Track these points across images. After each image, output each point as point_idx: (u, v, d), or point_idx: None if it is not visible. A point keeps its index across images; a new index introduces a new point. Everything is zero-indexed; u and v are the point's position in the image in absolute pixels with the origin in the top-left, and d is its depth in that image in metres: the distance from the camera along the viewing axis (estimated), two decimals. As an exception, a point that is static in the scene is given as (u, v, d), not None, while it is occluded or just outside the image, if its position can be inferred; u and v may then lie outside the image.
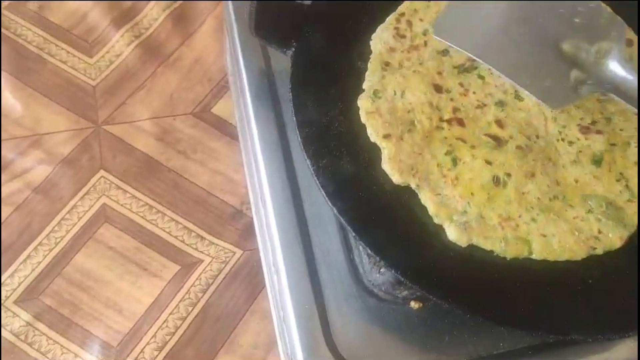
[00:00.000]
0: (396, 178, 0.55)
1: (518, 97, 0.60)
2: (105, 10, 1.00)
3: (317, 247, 0.61)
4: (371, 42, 0.61)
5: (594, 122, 0.59)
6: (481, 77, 0.60)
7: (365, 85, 0.59)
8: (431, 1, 0.63)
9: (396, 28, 0.62)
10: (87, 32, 0.99)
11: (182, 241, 0.85)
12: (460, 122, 0.58)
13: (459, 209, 0.54)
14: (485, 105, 0.59)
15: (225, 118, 0.93)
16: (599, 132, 0.58)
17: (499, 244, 0.53)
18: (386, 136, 0.56)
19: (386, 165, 0.56)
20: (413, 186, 0.55)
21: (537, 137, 0.58)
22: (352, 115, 0.59)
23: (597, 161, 0.57)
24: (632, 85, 0.51)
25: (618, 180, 0.57)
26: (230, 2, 0.73)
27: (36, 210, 0.85)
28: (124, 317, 0.80)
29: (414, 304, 0.59)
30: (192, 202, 0.87)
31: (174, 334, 0.79)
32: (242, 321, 0.80)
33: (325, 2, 0.64)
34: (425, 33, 0.62)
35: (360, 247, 0.61)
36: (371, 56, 0.61)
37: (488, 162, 0.56)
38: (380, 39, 0.61)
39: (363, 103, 0.58)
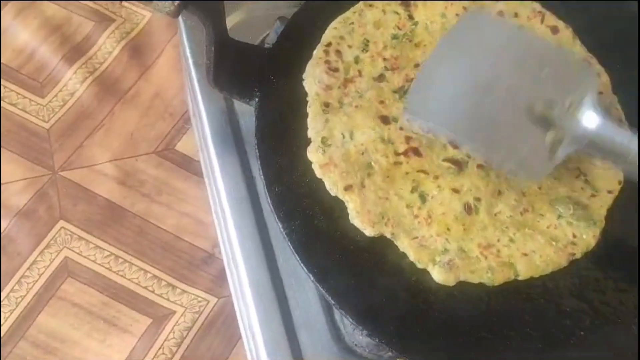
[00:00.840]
0: (369, 231, 0.52)
1: None
2: (55, 45, 0.94)
3: (294, 308, 0.58)
4: (304, 83, 0.57)
5: None
6: None
7: (310, 134, 0.55)
8: (355, 25, 0.60)
9: (327, 62, 0.58)
10: (37, 71, 0.93)
11: (152, 291, 0.81)
12: (416, 152, 0.55)
13: (439, 249, 0.53)
14: None
15: (191, 155, 0.89)
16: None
17: (486, 274, 0.52)
18: (347, 188, 0.53)
19: (355, 221, 0.53)
20: (388, 235, 0.53)
21: None
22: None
23: None
24: (608, 134, 0.48)
25: (577, 177, 0.57)
26: (186, 44, 0.69)
27: (-7, 269, 0.80)
28: (94, 379, 0.76)
29: (399, 363, 0.57)
30: (160, 248, 0.83)
31: (149, 392, 0.76)
32: (221, 373, 0.77)
33: (288, 44, 0.61)
34: (357, 61, 0.59)
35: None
36: (308, 99, 0.57)
37: (455, 191, 0.54)
38: (313, 77, 0.57)
39: (314, 156, 0.54)
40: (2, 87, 0.91)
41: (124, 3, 0.99)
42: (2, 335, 0.77)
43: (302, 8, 0.62)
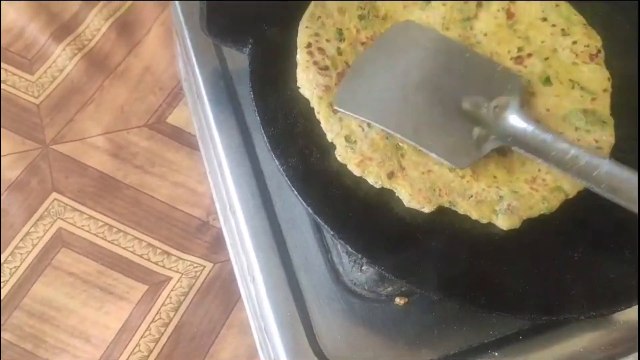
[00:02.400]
0: (428, 208, 0.53)
1: None
2: (43, 23, 0.95)
3: (293, 252, 0.59)
4: (301, 91, 0.56)
5: (520, 49, 0.61)
6: None
7: (331, 138, 0.54)
8: (322, 17, 0.59)
9: (315, 63, 0.57)
10: (26, 49, 0.93)
11: (148, 259, 0.81)
12: None
13: (495, 198, 0.54)
14: None
15: (182, 127, 0.89)
16: (529, 55, 0.60)
17: (543, 205, 0.54)
18: (390, 175, 0.53)
19: (412, 203, 0.53)
20: (446, 205, 0.53)
21: None
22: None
23: (547, 80, 0.59)
24: (532, 134, 0.52)
25: (573, 88, 0.59)
26: (177, 2, 0.70)
27: (-14, 241, 0.79)
28: (92, 346, 0.75)
29: (399, 300, 0.57)
30: (154, 218, 0.83)
31: (147, 357, 0.75)
32: (219, 337, 0.77)
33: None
34: (339, 52, 0.58)
35: (339, 247, 0.58)
36: (312, 105, 0.56)
37: None
38: (309, 82, 0.56)
39: (346, 157, 0.53)
40: (-9, 65, 0.91)
41: (111, -17, 1.00)
42: (-4, 305, 0.76)
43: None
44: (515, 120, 0.53)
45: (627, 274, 0.52)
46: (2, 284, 0.77)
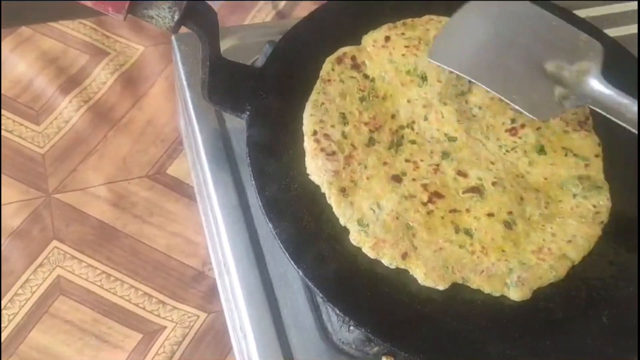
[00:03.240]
0: (442, 285, 0.55)
1: (449, 138, 0.63)
2: (51, 76, 0.99)
3: (284, 309, 0.61)
4: (311, 178, 0.59)
5: (513, 120, 0.64)
6: (413, 142, 0.62)
7: (344, 222, 0.57)
8: (325, 104, 0.62)
9: (322, 150, 0.59)
10: (33, 100, 0.97)
11: (143, 308, 0.83)
12: (438, 195, 0.59)
13: (505, 271, 0.56)
14: (437, 165, 0.61)
15: (182, 179, 0.92)
16: (522, 125, 0.64)
17: (551, 274, 0.57)
18: (404, 256, 0.56)
19: (427, 282, 0.55)
20: (460, 281, 0.56)
21: (492, 163, 0.62)
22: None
23: (541, 149, 0.63)
24: (609, 99, 0.58)
25: (566, 155, 0.63)
26: (180, 65, 0.74)
27: (-14, 287, 0.82)
28: (85, 394, 0.77)
29: (385, 359, 0.59)
30: (151, 267, 0.85)
31: (140, 407, 0.77)
32: (211, 387, 0.78)
33: (277, 64, 0.66)
34: (345, 136, 0.61)
35: (329, 307, 0.60)
36: (323, 190, 0.58)
37: (490, 215, 0.58)
38: (318, 169, 0.59)
39: (361, 241, 0.56)
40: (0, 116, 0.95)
41: (119, 38, 1.05)
42: (-7, 352, 0.78)
43: (289, 32, 0.68)
44: (595, 84, 0.58)
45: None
46: (2, 329, 0.79)
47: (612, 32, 0.77)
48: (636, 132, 0.56)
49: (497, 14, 0.63)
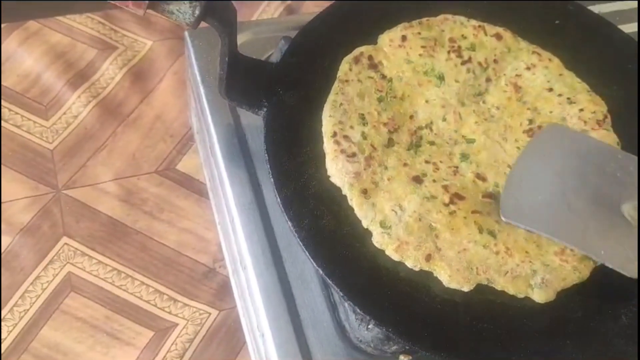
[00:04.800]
0: (467, 287, 0.55)
1: (468, 140, 0.62)
2: (59, 71, 0.98)
3: (302, 308, 0.61)
4: (333, 180, 0.58)
5: (531, 121, 0.64)
6: (431, 143, 0.62)
7: (366, 224, 0.57)
8: (344, 104, 0.62)
9: (342, 151, 0.59)
10: (42, 95, 0.96)
11: (155, 305, 0.82)
12: (459, 197, 0.59)
13: (529, 273, 0.56)
14: (457, 167, 0.61)
15: (192, 174, 0.92)
16: (539, 126, 0.63)
17: (575, 275, 0.56)
18: (428, 258, 0.55)
19: (452, 284, 0.55)
20: (485, 282, 0.55)
21: (510, 167, 0.61)
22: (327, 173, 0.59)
23: None
24: None
25: None
26: (194, 62, 0.73)
27: (-3, 284, 0.81)
28: (97, 391, 0.77)
29: (402, 358, 0.59)
30: (162, 264, 0.85)
31: (152, 404, 0.76)
32: (223, 384, 0.78)
33: (294, 59, 0.65)
34: (364, 136, 0.60)
35: (346, 305, 0.60)
36: (345, 192, 0.58)
37: None
38: (338, 171, 0.58)
39: (384, 242, 0.56)
40: (8, 111, 0.94)
41: (127, 32, 1.04)
42: (5, 348, 0.77)
43: (304, 28, 0.67)
44: None
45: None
46: (12, 327, 0.79)
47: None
48: None
49: (558, 155, 0.59)
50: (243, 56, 0.64)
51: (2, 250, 0.83)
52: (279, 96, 0.62)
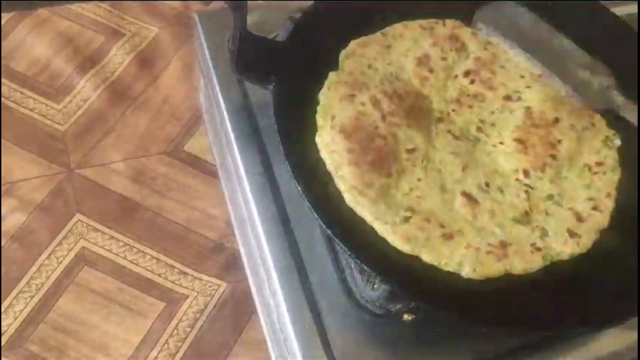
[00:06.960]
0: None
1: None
2: (69, 56, 1.01)
3: (310, 271, 0.64)
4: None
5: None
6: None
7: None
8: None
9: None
10: (52, 79, 0.99)
11: (166, 278, 0.86)
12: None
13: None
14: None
15: (199, 155, 0.95)
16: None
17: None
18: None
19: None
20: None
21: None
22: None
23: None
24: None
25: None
26: (204, 42, 0.77)
27: (14, 258, 0.84)
28: (112, 359, 0.80)
29: (407, 316, 0.62)
30: (171, 239, 0.88)
31: (165, 371, 0.80)
32: (233, 352, 0.81)
33: (299, 37, 0.68)
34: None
35: (353, 266, 0.64)
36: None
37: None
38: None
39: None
40: (20, 94, 0.97)
41: (133, 20, 1.07)
42: (23, 319, 0.80)
43: (310, 8, 0.71)
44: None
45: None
46: (29, 299, 0.82)
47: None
48: None
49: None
50: (251, 34, 0.67)
51: (17, 227, 0.86)
52: (286, 71, 0.66)
